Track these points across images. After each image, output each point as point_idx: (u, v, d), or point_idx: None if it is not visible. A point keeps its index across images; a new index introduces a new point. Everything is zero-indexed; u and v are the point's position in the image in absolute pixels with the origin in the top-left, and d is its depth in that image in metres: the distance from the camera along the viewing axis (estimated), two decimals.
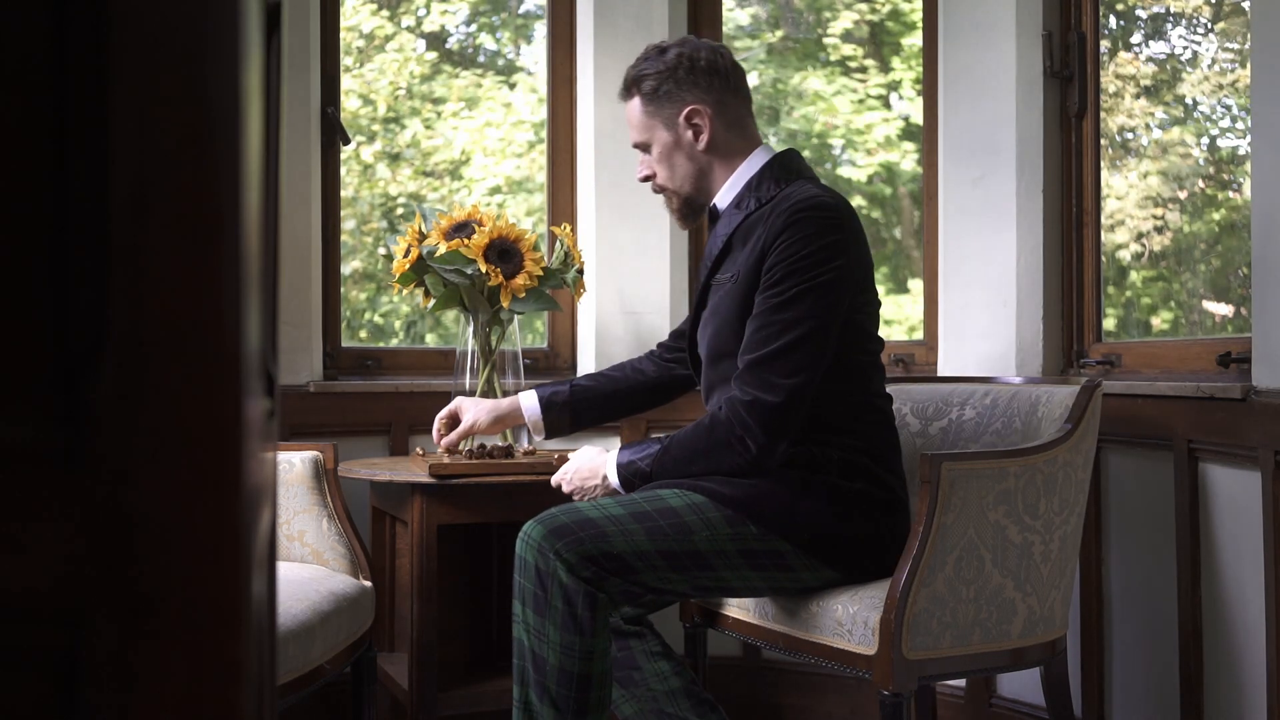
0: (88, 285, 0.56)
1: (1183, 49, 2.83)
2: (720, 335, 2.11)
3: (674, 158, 2.16)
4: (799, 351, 1.97)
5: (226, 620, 0.58)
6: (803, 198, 2.03)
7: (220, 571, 0.58)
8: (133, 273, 0.56)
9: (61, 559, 0.56)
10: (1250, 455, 2.13)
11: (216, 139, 0.58)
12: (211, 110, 0.57)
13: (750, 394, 1.97)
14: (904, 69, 5.13)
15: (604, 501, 1.99)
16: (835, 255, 1.99)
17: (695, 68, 2.13)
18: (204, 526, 0.57)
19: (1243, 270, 2.60)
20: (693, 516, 1.96)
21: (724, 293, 2.10)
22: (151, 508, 0.57)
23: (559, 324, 3.19)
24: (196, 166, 0.57)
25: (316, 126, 2.89)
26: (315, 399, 2.82)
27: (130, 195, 0.56)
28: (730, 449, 1.99)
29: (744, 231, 2.09)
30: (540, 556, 1.90)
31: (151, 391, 0.56)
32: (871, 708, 2.82)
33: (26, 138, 0.56)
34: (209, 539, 0.58)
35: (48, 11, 0.56)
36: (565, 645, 1.88)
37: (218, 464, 0.58)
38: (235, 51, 0.58)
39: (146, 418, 0.56)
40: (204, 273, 0.57)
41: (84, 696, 0.56)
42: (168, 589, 0.57)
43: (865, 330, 2.11)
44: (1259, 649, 2.13)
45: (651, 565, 1.92)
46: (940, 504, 1.93)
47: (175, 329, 0.57)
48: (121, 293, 0.56)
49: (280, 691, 1.94)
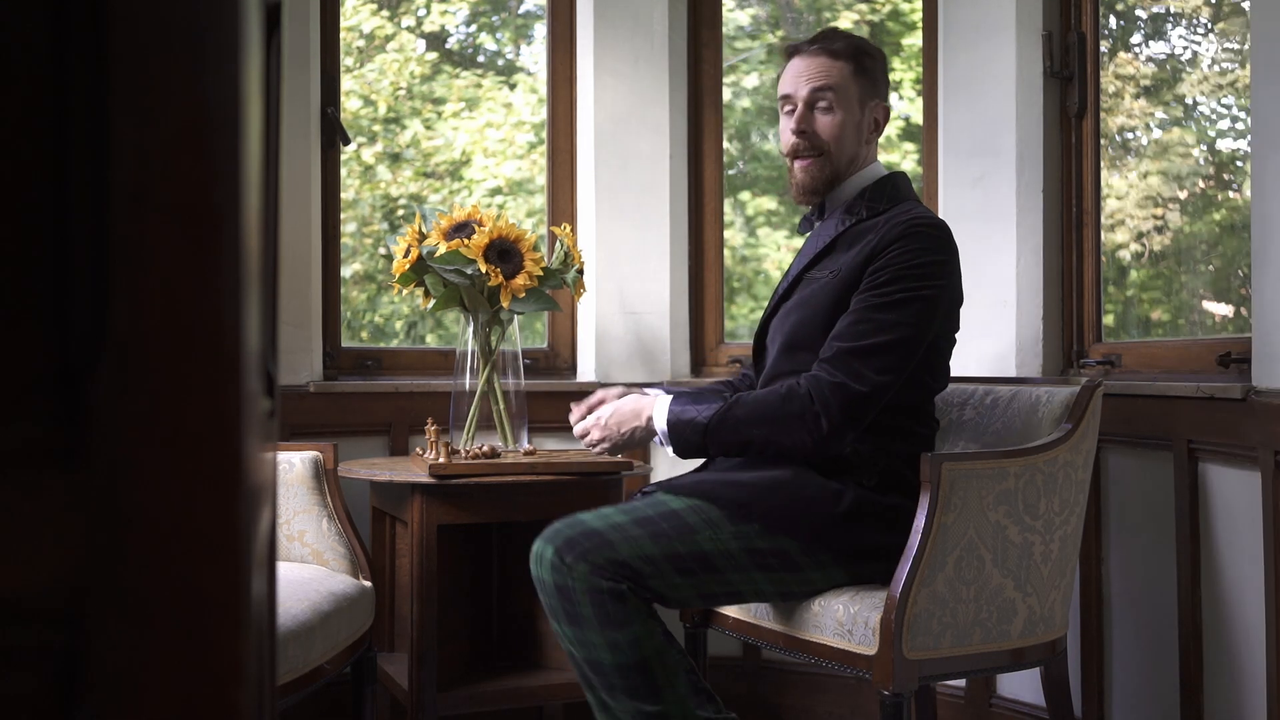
0: (88, 285, 0.56)
1: (1182, 49, 2.83)
2: (805, 326, 2.12)
3: (848, 130, 2.19)
4: (892, 353, 2.00)
5: (226, 620, 0.58)
6: (920, 214, 2.11)
7: (220, 571, 0.58)
8: (133, 273, 0.56)
9: (61, 559, 0.56)
10: (1250, 455, 2.13)
11: (216, 139, 0.58)
12: (211, 110, 0.57)
13: (839, 377, 1.99)
14: (904, 69, 5.12)
15: (605, 510, 1.98)
16: (941, 274, 2.06)
17: (889, 76, 2.26)
18: (204, 526, 0.57)
19: (1243, 270, 2.60)
20: (695, 518, 1.97)
21: (819, 286, 2.12)
22: (151, 507, 0.57)
23: (559, 324, 3.19)
24: (196, 166, 0.57)
25: (316, 127, 2.89)
26: (315, 399, 2.82)
27: (130, 195, 0.56)
28: (801, 422, 1.99)
29: (852, 236, 2.13)
30: (555, 573, 1.91)
31: (151, 391, 0.56)
32: (871, 708, 2.82)
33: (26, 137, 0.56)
34: (209, 539, 0.58)
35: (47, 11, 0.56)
36: (611, 643, 1.89)
37: (218, 464, 0.58)
38: (235, 51, 0.58)
39: (146, 418, 0.56)
40: (204, 273, 0.57)
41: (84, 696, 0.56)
42: (168, 589, 0.57)
43: (942, 361, 2.16)
44: (1259, 649, 2.13)
45: (658, 570, 1.93)
46: (940, 504, 1.93)
47: (175, 329, 0.57)
48: (121, 293, 0.56)
49: (280, 691, 1.94)
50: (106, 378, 0.56)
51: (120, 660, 0.56)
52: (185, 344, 0.57)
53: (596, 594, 1.89)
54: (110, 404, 0.56)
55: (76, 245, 0.56)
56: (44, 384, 0.56)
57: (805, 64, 2.20)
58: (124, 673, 0.56)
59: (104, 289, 0.56)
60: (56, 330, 0.56)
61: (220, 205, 0.58)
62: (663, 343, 3.14)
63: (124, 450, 0.56)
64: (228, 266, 0.58)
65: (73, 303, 0.56)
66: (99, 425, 0.56)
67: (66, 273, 0.56)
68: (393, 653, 2.73)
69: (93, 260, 0.56)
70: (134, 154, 0.56)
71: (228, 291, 0.58)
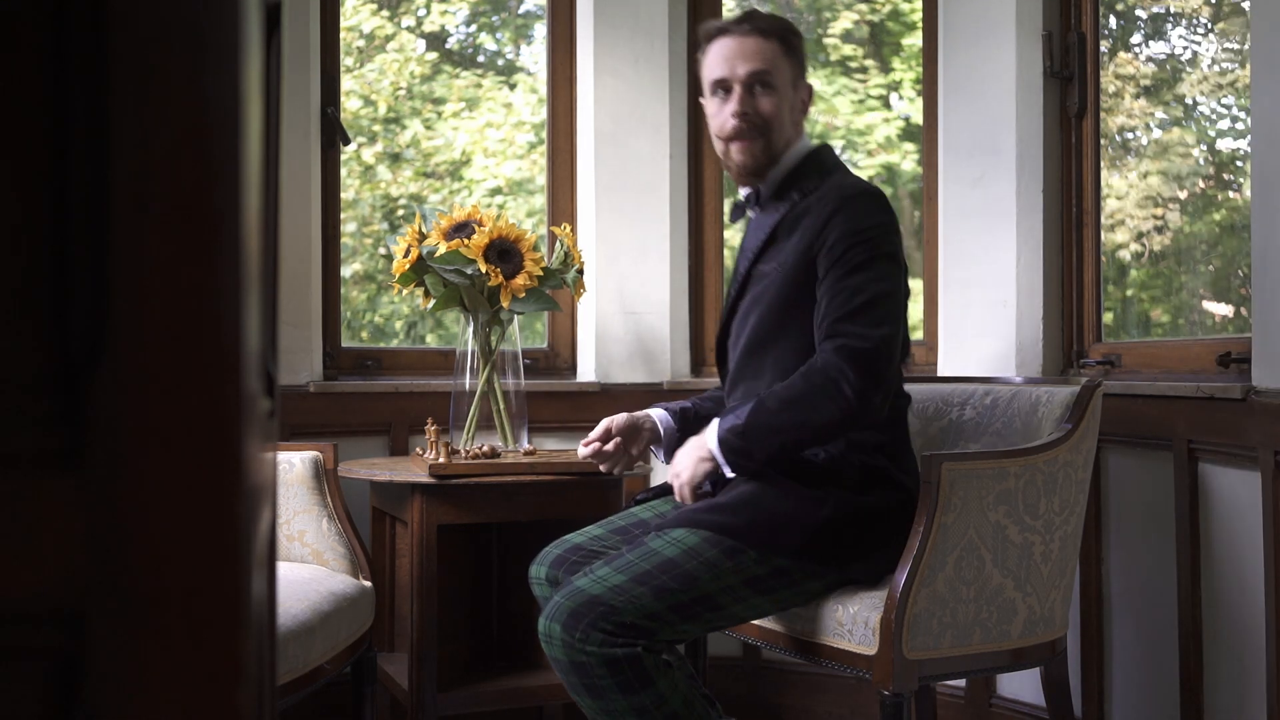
0: (88, 285, 0.56)
1: (1182, 49, 2.83)
2: (763, 324, 2.12)
3: (784, 111, 2.19)
4: (879, 306, 2.00)
5: (226, 620, 0.58)
6: (850, 183, 2.12)
7: (220, 571, 0.58)
8: (133, 273, 0.56)
9: (62, 559, 0.56)
10: (1250, 455, 2.13)
11: (216, 139, 0.58)
12: (211, 110, 0.57)
13: (841, 341, 1.99)
14: (904, 69, 5.13)
15: (601, 572, 1.94)
16: (892, 232, 2.07)
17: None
18: (204, 526, 0.57)
19: (1243, 270, 2.60)
20: (692, 563, 1.94)
21: (769, 281, 2.12)
22: (152, 508, 0.57)
23: (559, 324, 3.19)
24: (196, 166, 0.57)
25: (316, 127, 2.89)
26: (315, 399, 2.82)
27: (130, 195, 0.56)
28: (827, 395, 1.98)
29: (790, 222, 2.13)
30: (567, 651, 1.89)
31: (151, 392, 0.56)
32: (871, 708, 2.82)
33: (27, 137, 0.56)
34: (209, 539, 0.58)
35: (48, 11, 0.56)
36: (636, 707, 1.89)
37: (218, 464, 0.58)
38: (235, 51, 0.58)
39: (146, 418, 0.56)
40: (204, 273, 0.57)
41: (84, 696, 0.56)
42: (168, 589, 0.57)
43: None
44: (1259, 649, 2.13)
45: (665, 622, 1.91)
46: (940, 504, 1.93)
47: (175, 329, 0.57)
48: (121, 293, 0.56)
49: (280, 691, 1.94)
50: (106, 378, 0.56)
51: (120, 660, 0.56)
52: (185, 344, 0.57)
53: (613, 663, 1.87)
54: (110, 404, 0.56)
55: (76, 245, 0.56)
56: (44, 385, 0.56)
57: (737, 45, 2.17)
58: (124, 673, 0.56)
59: (104, 289, 0.56)
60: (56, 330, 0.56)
61: (220, 205, 0.58)
62: (663, 343, 3.14)
63: (124, 451, 0.56)
64: (228, 266, 0.58)
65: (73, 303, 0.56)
66: (99, 426, 0.56)
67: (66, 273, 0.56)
68: (393, 653, 2.73)
69: (93, 260, 0.56)
70: (134, 154, 0.56)
71: (228, 291, 0.58)
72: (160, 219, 0.56)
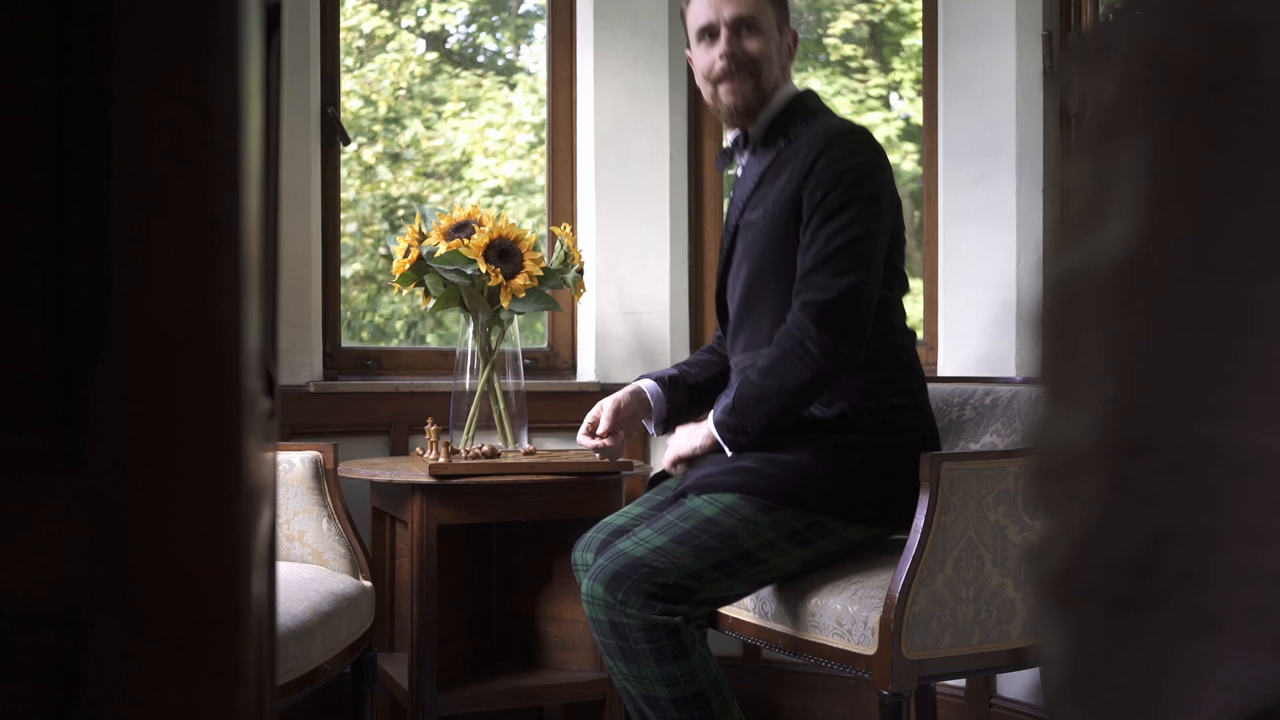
0: (88, 285, 0.56)
1: None
2: (756, 277, 2.13)
3: (771, 53, 2.19)
4: (846, 253, 2.01)
5: (226, 620, 0.58)
6: (835, 123, 2.13)
7: (220, 571, 0.58)
8: (133, 273, 0.56)
9: (62, 559, 0.56)
10: None
11: (216, 139, 0.58)
12: (211, 110, 0.58)
13: (805, 297, 2.01)
14: (904, 69, 5.13)
15: (643, 534, 1.97)
16: (876, 171, 2.07)
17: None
18: (204, 526, 0.57)
19: None
20: (730, 520, 1.97)
21: (757, 230, 2.13)
22: (151, 508, 0.57)
23: (559, 324, 3.19)
24: (196, 166, 0.57)
25: (316, 126, 2.89)
26: (315, 399, 2.82)
27: (130, 195, 0.56)
28: (795, 357, 2.00)
29: (775, 169, 2.14)
30: (609, 611, 1.91)
31: (152, 392, 0.56)
32: (871, 708, 2.82)
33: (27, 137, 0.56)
34: (209, 539, 0.58)
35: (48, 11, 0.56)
36: (667, 677, 1.90)
37: (218, 464, 0.58)
38: (235, 51, 0.58)
39: (146, 418, 0.56)
40: (204, 273, 0.57)
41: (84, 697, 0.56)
42: (168, 589, 0.57)
43: (893, 265, 2.15)
44: None
45: (708, 581, 1.94)
46: (940, 504, 1.93)
47: (175, 329, 0.57)
48: (121, 293, 0.56)
49: (280, 691, 1.94)
50: (106, 378, 0.56)
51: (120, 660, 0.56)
52: (185, 344, 0.57)
53: (652, 630, 1.89)
54: (111, 404, 0.56)
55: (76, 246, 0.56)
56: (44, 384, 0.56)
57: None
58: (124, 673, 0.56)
59: (104, 289, 0.56)
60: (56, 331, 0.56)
61: (220, 205, 0.58)
62: (663, 343, 3.14)
63: (124, 451, 0.56)
64: (228, 266, 0.58)
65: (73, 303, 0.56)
66: (99, 426, 0.56)
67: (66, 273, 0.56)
68: (393, 653, 2.74)
69: (93, 260, 0.56)
70: (134, 154, 0.56)
71: (228, 291, 0.58)
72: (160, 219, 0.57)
